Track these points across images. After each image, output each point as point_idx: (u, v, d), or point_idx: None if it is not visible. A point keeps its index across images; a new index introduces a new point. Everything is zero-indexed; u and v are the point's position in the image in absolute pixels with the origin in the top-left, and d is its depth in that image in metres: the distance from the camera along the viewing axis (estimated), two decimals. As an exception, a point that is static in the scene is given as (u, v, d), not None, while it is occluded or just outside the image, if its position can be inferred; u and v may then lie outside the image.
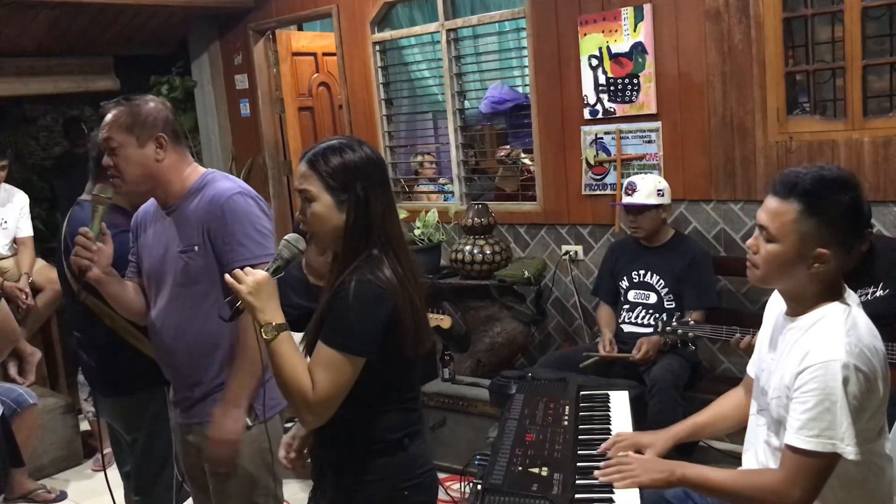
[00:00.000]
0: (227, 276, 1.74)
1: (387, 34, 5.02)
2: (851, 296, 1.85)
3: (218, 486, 2.31)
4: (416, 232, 4.39)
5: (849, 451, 1.69)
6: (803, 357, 1.75)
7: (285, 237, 1.82)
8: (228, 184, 2.25)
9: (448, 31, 4.71)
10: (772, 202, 1.80)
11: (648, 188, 3.66)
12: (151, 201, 2.38)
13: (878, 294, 2.95)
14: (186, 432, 2.36)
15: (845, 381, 1.68)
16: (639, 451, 2.09)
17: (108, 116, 2.23)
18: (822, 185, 1.75)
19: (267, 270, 1.76)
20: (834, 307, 1.80)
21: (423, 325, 1.81)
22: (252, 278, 1.71)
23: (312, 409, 1.70)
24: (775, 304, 2.00)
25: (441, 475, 3.71)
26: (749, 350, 2.48)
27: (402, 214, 4.49)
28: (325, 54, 6.07)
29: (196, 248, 2.20)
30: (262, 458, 2.26)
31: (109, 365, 2.62)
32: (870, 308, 2.86)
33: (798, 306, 1.85)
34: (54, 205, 5.95)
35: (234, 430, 2.21)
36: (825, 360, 1.70)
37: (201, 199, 2.22)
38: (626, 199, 3.69)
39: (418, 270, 1.83)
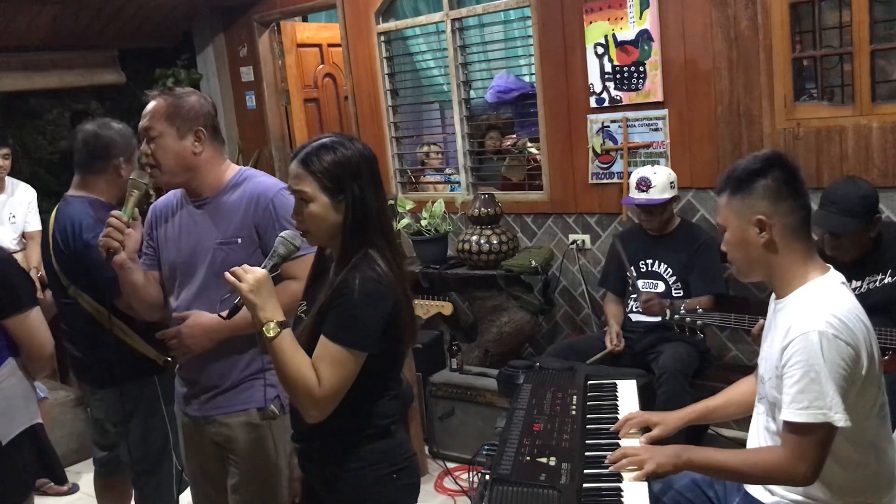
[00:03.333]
0: (226, 274, 1.74)
1: (392, 24, 5.00)
2: (834, 274, 1.90)
3: (244, 478, 2.30)
4: (423, 222, 4.39)
5: (838, 418, 1.72)
6: (786, 332, 1.80)
7: (280, 234, 1.83)
8: (271, 180, 2.30)
9: (453, 20, 4.69)
10: (718, 203, 1.96)
11: (662, 182, 3.61)
12: (172, 193, 2.38)
13: (886, 281, 2.93)
14: (204, 424, 2.33)
15: (824, 350, 1.73)
16: (648, 429, 2.11)
17: (150, 106, 2.23)
18: (739, 168, 1.90)
19: (264, 267, 1.76)
20: (815, 283, 1.85)
21: (414, 315, 1.87)
22: (252, 276, 1.71)
23: (318, 405, 1.72)
24: (772, 298, 2.03)
25: (449, 465, 3.74)
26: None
27: (409, 205, 4.50)
28: (330, 45, 6.07)
29: (239, 240, 2.21)
30: (286, 449, 2.27)
31: (100, 357, 2.64)
32: (878, 295, 2.90)
33: (780, 288, 1.91)
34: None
35: (209, 329, 2.18)
36: (804, 331, 1.76)
37: (243, 193, 2.24)
38: (642, 196, 3.62)
39: (404, 261, 1.87)
